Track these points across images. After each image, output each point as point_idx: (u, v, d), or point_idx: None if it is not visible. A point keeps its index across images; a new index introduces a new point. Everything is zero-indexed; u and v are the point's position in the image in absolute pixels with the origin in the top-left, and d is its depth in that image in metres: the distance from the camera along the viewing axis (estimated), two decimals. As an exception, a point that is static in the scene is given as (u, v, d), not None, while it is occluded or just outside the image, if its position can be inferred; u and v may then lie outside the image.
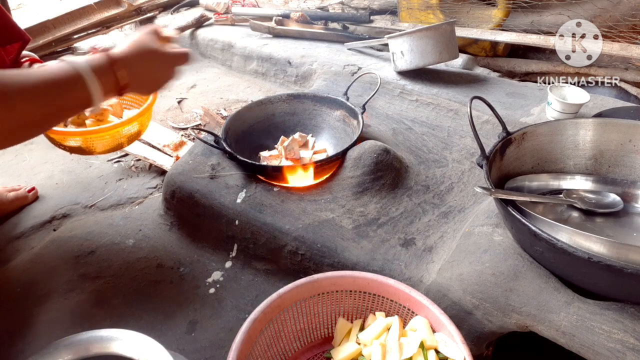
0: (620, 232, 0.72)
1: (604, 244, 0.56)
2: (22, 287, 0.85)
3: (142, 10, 2.19)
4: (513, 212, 0.64)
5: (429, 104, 1.23)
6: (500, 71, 1.58)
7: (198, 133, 1.36)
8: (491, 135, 1.06)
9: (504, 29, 1.49)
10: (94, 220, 1.02)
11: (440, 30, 1.23)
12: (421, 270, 0.77)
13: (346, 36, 1.72)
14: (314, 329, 0.71)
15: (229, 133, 1.03)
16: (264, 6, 2.21)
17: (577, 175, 0.83)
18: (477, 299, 0.67)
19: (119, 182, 1.18)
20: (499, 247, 0.71)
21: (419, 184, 0.97)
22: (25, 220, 1.04)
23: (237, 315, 0.81)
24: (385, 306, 0.69)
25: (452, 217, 0.88)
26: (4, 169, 1.27)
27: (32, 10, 2.54)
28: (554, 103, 1.03)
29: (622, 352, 0.56)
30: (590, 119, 0.83)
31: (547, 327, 0.61)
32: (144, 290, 0.85)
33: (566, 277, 0.64)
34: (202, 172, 0.95)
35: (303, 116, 1.16)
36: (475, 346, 0.69)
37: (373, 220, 0.87)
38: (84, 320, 0.79)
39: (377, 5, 2.00)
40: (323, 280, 0.67)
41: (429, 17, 1.68)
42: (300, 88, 1.59)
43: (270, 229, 0.86)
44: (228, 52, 1.87)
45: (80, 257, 0.91)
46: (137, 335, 0.53)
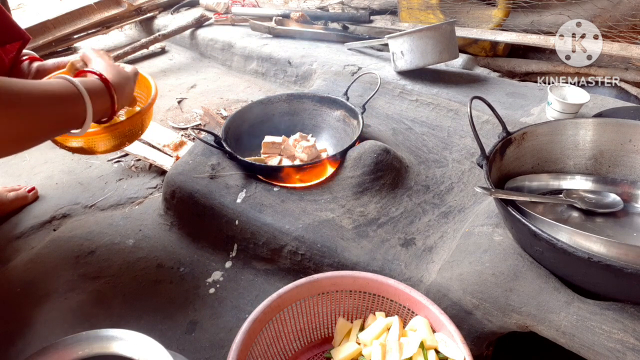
0: (620, 232, 0.72)
1: (604, 244, 0.56)
2: (22, 287, 0.85)
3: (142, 10, 2.19)
4: (513, 212, 0.64)
5: (429, 104, 1.23)
6: (500, 71, 1.58)
7: (198, 133, 1.36)
8: (491, 135, 1.06)
9: (504, 29, 1.49)
10: (94, 220, 1.02)
11: (440, 30, 1.23)
12: (421, 270, 0.77)
13: (346, 36, 1.72)
14: (314, 329, 0.71)
15: (229, 133, 1.03)
16: (264, 6, 2.21)
17: (577, 175, 0.83)
18: (477, 299, 0.67)
19: (119, 182, 1.18)
20: (499, 247, 0.71)
21: (419, 184, 0.97)
22: (25, 220, 1.04)
23: (237, 315, 0.81)
24: (385, 306, 0.69)
25: (452, 217, 0.88)
26: (4, 169, 1.27)
27: (32, 10, 2.55)
28: (554, 103, 1.04)
29: (622, 352, 0.56)
30: (590, 119, 0.83)
31: (547, 327, 0.61)
32: (144, 290, 0.85)
33: (566, 277, 0.64)
34: (202, 172, 0.95)
35: (303, 116, 1.16)
36: (475, 346, 0.69)
37: (373, 220, 0.87)
38: (84, 320, 0.79)
39: (377, 5, 2.00)
40: (323, 280, 0.67)
41: (429, 17, 1.68)
42: (300, 88, 1.59)
43: (270, 229, 0.86)
44: (228, 52, 1.87)
45: (80, 257, 0.91)
46: (137, 335, 0.53)
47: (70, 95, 0.59)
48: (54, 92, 0.57)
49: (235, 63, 1.85)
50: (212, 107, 1.55)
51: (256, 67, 1.76)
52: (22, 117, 0.53)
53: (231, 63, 1.87)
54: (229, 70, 1.87)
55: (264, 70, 1.73)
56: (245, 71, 1.80)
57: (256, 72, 1.76)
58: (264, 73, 1.73)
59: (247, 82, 1.74)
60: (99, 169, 1.25)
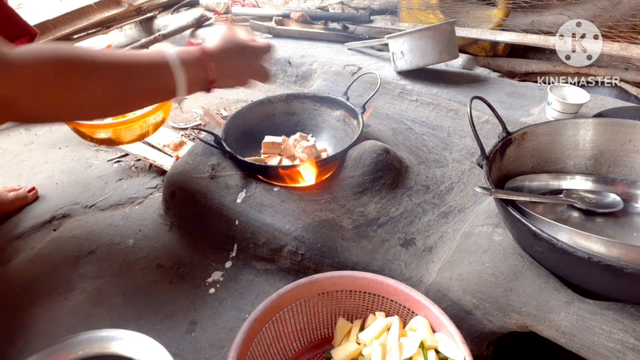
0: (620, 232, 0.72)
1: (604, 244, 0.56)
2: (22, 287, 0.85)
3: (142, 10, 2.19)
4: (513, 212, 0.64)
5: (429, 104, 1.23)
6: (500, 71, 1.58)
7: (198, 133, 1.36)
8: (491, 135, 1.06)
9: (504, 29, 1.49)
10: (94, 220, 1.02)
11: (440, 30, 1.23)
12: (421, 270, 0.77)
13: (346, 36, 1.72)
14: (314, 329, 0.71)
15: (229, 133, 1.03)
16: (264, 6, 2.21)
17: (577, 175, 0.83)
18: (477, 299, 0.67)
19: (119, 182, 1.18)
20: (499, 247, 0.71)
21: (419, 184, 0.97)
22: (25, 220, 1.04)
23: (237, 315, 0.81)
24: (385, 306, 0.69)
25: (452, 217, 0.88)
26: (4, 169, 1.27)
27: (32, 10, 2.54)
28: (554, 103, 1.04)
29: (622, 352, 0.56)
30: (590, 119, 0.83)
31: (547, 327, 0.61)
32: (144, 290, 0.85)
33: (566, 277, 0.64)
34: (202, 172, 0.95)
35: (303, 116, 1.16)
36: (475, 346, 0.69)
37: (373, 220, 0.87)
38: (84, 320, 0.79)
39: (377, 5, 2.00)
40: (323, 280, 0.67)
41: (429, 17, 1.68)
42: (300, 88, 1.59)
43: (270, 229, 0.86)
44: (228, 52, 1.86)
45: (80, 257, 0.91)
46: (137, 335, 0.54)
47: (158, 65, 0.57)
48: (140, 63, 0.56)
49: (235, 63, 1.85)
50: (212, 107, 1.55)
51: (256, 67, 1.75)
52: (104, 87, 0.53)
53: (231, 63, 1.86)
54: (229, 70, 1.86)
55: (264, 70, 1.73)
56: (245, 71, 1.80)
57: (256, 72, 1.76)
58: (264, 73, 1.73)
59: (247, 82, 1.74)
60: (99, 169, 1.25)
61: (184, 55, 0.60)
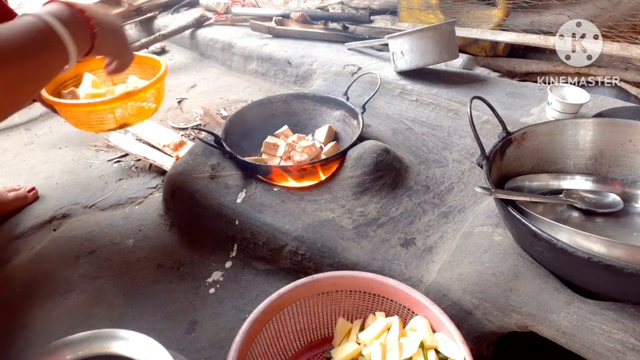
0: (620, 232, 0.72)
1: (604, 244, 0.56)
2: (22, 287, 0.85)
3: (142, 10, 2.19)
4: (513, 212, 0.64)
5: (429, 104, 1.23)
6: (500, 71, 1.58)
7: (198, 133, 1.36)
8: (491, 135, 1.06)
9: (504, 29, 1.49)
10: (94, 220, 1.02)
11: (440, 30, 1.23)
12: (421, 270, 0.77)
13: (346, 36, 1.72)
14: (314, 329, 0.71)
15: (229, 133, 1.03)
16: (264, 6, 2.21)
17: (577, 175, 0.83)
18: (477, 299, 0.67)
19: (119, 182, 1.18)
20: (499, 247, 0.71)
21: (419, 184, 0.97)
22: (25, 220, 1.04)
23: (237, 315, 0.81)
24: (385, 306, 0.69)
25: (452, 217, 0.88)
26: (4, 169, 1.27)
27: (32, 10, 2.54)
28: (554, 103, 1.03)
29: (622, 352, 0.56)
30: (590, 119, 0.83)
31: (547, 327, 0.61)
32: (144, 290, 0.85)
33: (566, 277, 0.64)
34: (202, 172, 0.95)
35: (303, 116, 1.16)
36: (475, 346, 0.69)
37: (373, 220, 0.87)
38: (84, 320, 0.79)
39: (377, 5, 2.00)
40: (323, 280, 0.67)
41: (429, 17, 1.68)
42: (300, 88, 1.59)
43: (270, 229, 0.86)
44: (228, 52, 1.87)
45: (80, 257, 0.91)
46: (137, 335, 0.53)
47: (42, 35, 0.54)
48: (22, 41, 0.52)
49: (235, 63, 1.85)
50: (212, 107, 1.55)
51: (256, 67, 1.76)
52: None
53: (231, 63, 1.87)
54: (229, 70, 1.87)
55: (264, 70, 1.73)
56: (245, 71, 1.80)
57: (256, 72, 1.76)
58: (264, 73, 1.73)
59: (247, 82, 1.74)
60: (99, 169, 1.25)
61: (64, 18, 0.56)
